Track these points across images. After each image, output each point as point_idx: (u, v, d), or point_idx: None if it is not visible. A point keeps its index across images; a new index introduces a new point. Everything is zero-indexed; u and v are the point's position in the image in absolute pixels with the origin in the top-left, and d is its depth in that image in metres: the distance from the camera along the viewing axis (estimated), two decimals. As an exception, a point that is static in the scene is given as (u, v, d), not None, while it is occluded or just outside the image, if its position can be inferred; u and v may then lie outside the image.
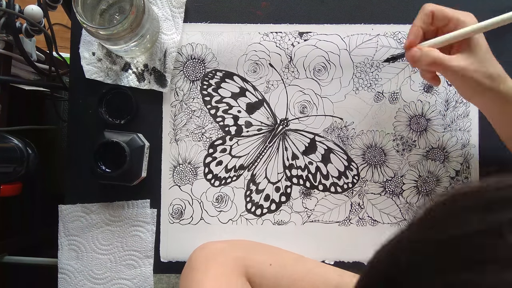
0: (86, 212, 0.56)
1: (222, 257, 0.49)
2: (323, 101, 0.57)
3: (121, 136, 0.53)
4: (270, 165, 0.57)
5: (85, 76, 0.56)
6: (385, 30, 0.57)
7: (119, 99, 0.56)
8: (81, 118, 0.57)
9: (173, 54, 0.56)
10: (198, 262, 0.48)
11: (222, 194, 0.57)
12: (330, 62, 0.57)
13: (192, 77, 0.57)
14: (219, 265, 0.47)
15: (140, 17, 0.48)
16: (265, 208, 0.57)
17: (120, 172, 0.51)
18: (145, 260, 0.56)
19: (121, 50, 0.52)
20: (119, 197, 0.56)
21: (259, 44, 0.57)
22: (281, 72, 0.57)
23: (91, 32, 0.47)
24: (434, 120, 0.57)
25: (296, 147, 0.57)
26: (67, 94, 0.77)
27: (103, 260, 0.56)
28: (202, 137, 0.57)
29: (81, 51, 0.56)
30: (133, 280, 0.56)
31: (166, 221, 0.56)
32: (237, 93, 0.57)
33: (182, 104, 0.57)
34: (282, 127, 0.57)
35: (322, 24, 0.57)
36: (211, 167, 0.57)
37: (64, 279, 0.56)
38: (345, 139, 0.57)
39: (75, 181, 0.57)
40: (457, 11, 0.46)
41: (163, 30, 0.56)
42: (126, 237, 0.56)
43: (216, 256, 0.49)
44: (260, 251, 0.53)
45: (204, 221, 0.57)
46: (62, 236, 0.56)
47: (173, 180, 0.57)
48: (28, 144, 0.57)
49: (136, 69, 0.56)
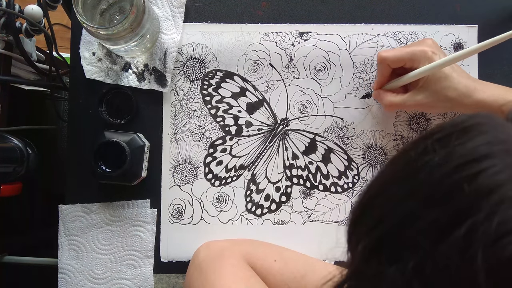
0: (86, 212, 0.56)
1: (229, 252, 0.49)
2: (323, 101, 0.57)
3: (121, 136, 0.53)
4: (270, 165, 0.57)
5: (85, 76, 0.56)
6: (385, 30, 0.57)
7: (119, 99, 0.56)
8: (81, 118, 0.57)
9: (173, 54, 0.56)
10: (206, 263, 0.48)
11: (222, 194, 0.57)
12: (330, 62, 0.57)
13: (192, 77, 0.57)
14: (228, 261, 0.47)
15: (140, 17, 0.48)
16: (265, 208, 0.57)
17: (120, 172, 0.51)
18: (145, 260, 0.56)
19: (121, 50, 0.52)
20: (119, 197, 0.56)
21: (259, 44, 0.57)
22: (281, 72, 0.57)
23: (91, 32, 0.47)
24: (434, 120, 0.57)
25: (296, 147, 0.57)
26: (67, 94, 0.77)
27: (103, 260, 0.56)
28: (202, 137, 0.57)
29: (81, 51, 0.56)
30: (133, 280, 0.56)
31: (166, 221, 0.56)
32: (237, 93, 0.57)
33: (182, 104, 0.57)
34: (282, 127, 0.57)
35: (322, 24, 0.57)
36: (211, 167, 0.57)
37: (64, 279, 0.56)
38: (346, 139, 0.57)
39: (75, 181, 0.57)
40: (411, 50, 0.48)
41: (163, 30, 0.56)
42: (126, 237, 0.56)
43: (223, 253, 0.49)
44: (263, 247, 0.53)
45: (204, 221, 0.56)
46: (62, 236, 0.56)
47: (173, 180, 0.57)
48: (28, 144, 0.57)
49: (136, 69, 0.56)
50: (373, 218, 0.25)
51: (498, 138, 0.22)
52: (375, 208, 0.25)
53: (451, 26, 0.56)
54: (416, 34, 0.56)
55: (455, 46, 0.56)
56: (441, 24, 0.56)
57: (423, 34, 0.56)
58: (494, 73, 0.56)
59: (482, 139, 0.22)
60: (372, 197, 0.26)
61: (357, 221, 0.27)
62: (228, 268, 0.45)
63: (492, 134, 0.22)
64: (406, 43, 0.56)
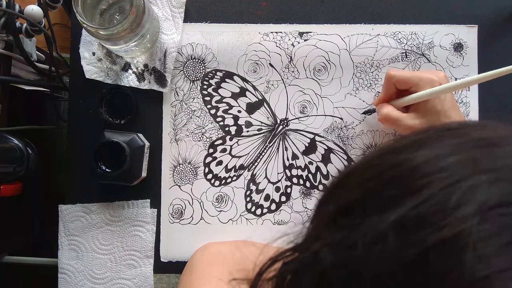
0: (86, 212, 0.56)
1: (221, 258, 0.49)
2: (323, 101, 0.57)
3: (121, 136, 0.53)
4: (270, 165, 0.57)
5: (85, 76, 0.56)
6: (385, 30, 0.57)
7: (119, 99, 0.56)
8: (81, 118, 0.57)
9: (173, 54, 0.56)
10: (198, 266, 0.48)
11: (222, 194, 0.57)
12: (330, 62, 0.57)
13: (192, 77, 0.57)
14: (218, 270, 0.47)
15: (140, 17, 0.48)
16: (265, 208, 0.57)
17: (120, 172, 0.51)
18: (145, 260, 0.56)
19: (121, 50, 0.52)
20: (119, 197, 0.56)
21: (259, 44, 0.57)
22: (281, 72, 0.57)
23: (91, 32, 0.47)
24: (434, 120, 0.57)
25: (296, 147, 0.57)
26: (67, 94, 0.77)
27: (103, 260, 0.56)
28: (202, 137, 0.57)
29: (81, 51, 0.56)
30: (133, 280, 0.56)
31: (166, 221, 0.56)
32: (237, 93, 0.57)
33: (182, 104, 0.57)
34: (282, 127, 0.57)
35: (322, 24, 0.57)
36: (211, 167, 0.57)
37: (64, 279, 0.56)
38: (345, 139, 0.57)
39: (75, 181, 0.57)
40: (420, 75, 0.48)
41: (163, 30, 0.56)
42: (126, 237, 0.56)
43: (216, 258, 0.49)
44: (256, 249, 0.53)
45: (204, 221, 0.57)
46: (62, 236, 0.56)
47: (173, 180, 0.57)
48: (28, 144, 0.57)
49: (136, 69, 0.56)
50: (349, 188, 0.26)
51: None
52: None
53: (451, 26, 0.56)
54: (416, 34, 0.56)
55: (455, 46, 0.56)
56: (441, 24, 0.56)
57: (423, 34, 0.56)
58: (494, 73, 0.56)
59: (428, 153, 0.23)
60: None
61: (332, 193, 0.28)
62: (214, 282, 0.45)
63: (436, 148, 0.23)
64: (406, 43, 0.56)
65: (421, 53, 0.56)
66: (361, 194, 0.23)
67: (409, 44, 0.56)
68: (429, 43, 0.56)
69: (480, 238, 0.18)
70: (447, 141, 0.23)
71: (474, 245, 0.18)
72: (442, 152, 0.22)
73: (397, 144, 0.25)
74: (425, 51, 0.56)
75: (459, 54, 0.56)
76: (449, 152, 0.22)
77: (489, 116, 0.56)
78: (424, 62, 0.56)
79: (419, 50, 0.56)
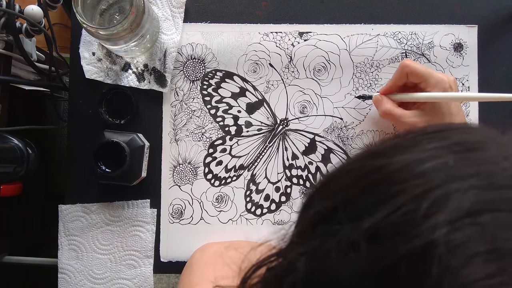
0: (86, 212, 0.56)
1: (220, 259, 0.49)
2: (323, 101, 0.57)
3: (121, 136, 0.53)
4: (270, 165, 0.57)
5: (85, 76, 0.56)
6: (385, 30, 0.57)
7: (119, 99, 0.56)
8: (81, 118, 0.57)
9: (173, 54, 0.56)
10: (197, 265, 0.48)
11: (222, 194, 0.57)
12: (330, 62, 0.57)
13: (192, 77, 0.57)
14: (215, 271, 0.47)
15: (140, 17, 0.48)
16: (265, 208, 0.57)
17: (120, 172, 0.51)
18: (145, 260, 0.56)
19: (121, 50, 0.52)
20: (119, 197, 0.56)
21: (259, 44, 0.57)
22: (281, 72, 0.57)
23: (91, 32, 0.47)
24: (434, 120, 0.57)
25: (296, 147, 0.57)
26: (67, 94, 0.77)
27: (103, 260, 0.56)
28: (202, 137, 0.57)
29: (81, 51, 0.56)
30: (133, 280, 0.56)
31: (166, 221, 0.56)
32: (237, 93, 0.57)
33: (182, 104, 0.57)
34: (282, 127, 0.57)
35: (322, 24, 0.57)
36: (211, 167, 0.57)
37: (64, 279, 0.56)
38: (345, 139, 0.57)
39: (75, 181, 0.57)
40: (433, 72, 0.48)
41: (163, 30, 0.56)
42: (126, 237, 0.56)
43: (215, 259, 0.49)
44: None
45: (204, 221, 0.57)
46: (62, 236, 0.56)
47: (173, 180, 0.57)
48: (28, 144, 0.57)
49: (136, 69, 0.56)
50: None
51: None
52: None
53: (451, 26, 0.56)
54: (416, 34, 0.56)
55: (455, 46, 0.56)
56: (441, 24, 0.56)
57: (423, 34, 0.56)
58: (494, 73, 0.56)
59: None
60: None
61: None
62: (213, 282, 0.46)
63: None
64: (406, 43, 0.56)
65: (421, 53, 0.56)
66: (339, 200, 0.23)
67: (409, 44, 0.56)
68: (429, 43, 0.56)
69: (447, 249, 0.18)
70: (425, 145, 0.22)
71: (440, 257, 0.18)
72: (419, 157, 0.21)
73: (377, 148, 0.24)
74: (425, 51, 0.56)
75: (459, 54, 0.56)
76: (426, 157, 0.21)
77: (489, 116, 0.56)
78: (424, 62, 0.56)
79: (419, 50, 0.56)
